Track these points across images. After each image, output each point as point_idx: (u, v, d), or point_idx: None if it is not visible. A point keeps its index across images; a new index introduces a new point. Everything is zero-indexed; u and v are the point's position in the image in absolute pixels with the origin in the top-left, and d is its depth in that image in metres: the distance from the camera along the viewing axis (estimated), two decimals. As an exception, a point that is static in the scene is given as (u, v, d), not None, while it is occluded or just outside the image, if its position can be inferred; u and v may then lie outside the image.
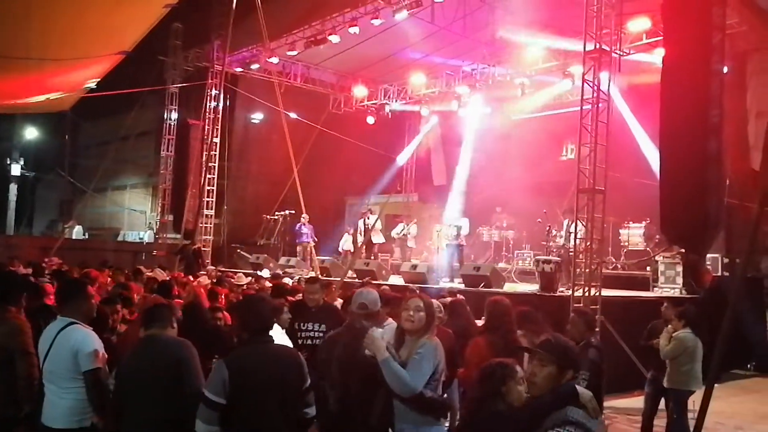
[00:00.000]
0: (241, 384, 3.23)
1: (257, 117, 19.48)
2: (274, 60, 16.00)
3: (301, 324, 5.34)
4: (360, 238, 15.45)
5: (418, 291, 8.18)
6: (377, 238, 15.57)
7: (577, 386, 2.80)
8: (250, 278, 11.19)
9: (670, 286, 11.27)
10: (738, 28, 11.37)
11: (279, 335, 5.11)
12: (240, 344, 3.54)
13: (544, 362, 2.82)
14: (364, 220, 15.64)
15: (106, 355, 3.89)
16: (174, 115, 18.76)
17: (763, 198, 8.27)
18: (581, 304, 8.69)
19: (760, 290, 12.72)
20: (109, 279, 8.89)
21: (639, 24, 12.55)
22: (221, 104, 17.29)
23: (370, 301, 4.03)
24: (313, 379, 3.61)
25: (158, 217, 19.83)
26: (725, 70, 9.73)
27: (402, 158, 20.83)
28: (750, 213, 10.99)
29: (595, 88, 9.27)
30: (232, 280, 9.94)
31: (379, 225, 15.61)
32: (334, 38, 14.82)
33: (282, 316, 5.29)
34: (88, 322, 4.05)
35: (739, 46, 12.27)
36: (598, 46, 9.33)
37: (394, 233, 16.62)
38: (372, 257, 14.80)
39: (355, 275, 13.03)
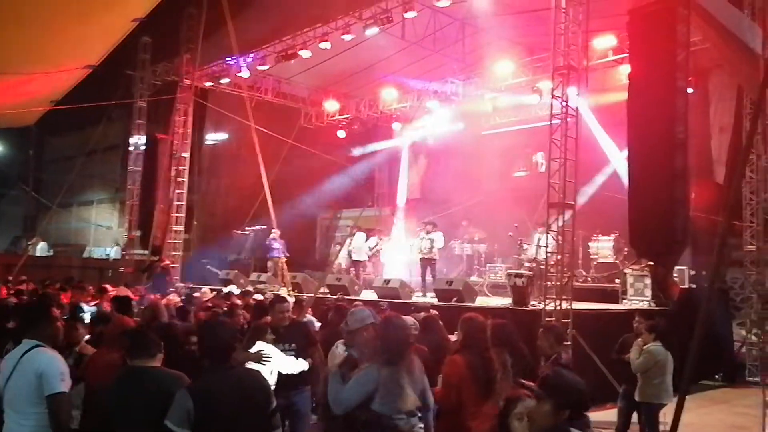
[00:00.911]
0: (206, 413, 3.15)
1: (227, 132, 19.31)
2: (245, 74, 15.91)
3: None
4: (344, 254, 15.36)
5: (387, 308, 8.22)
6: (359, 255, 15.51)
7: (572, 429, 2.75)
8: (214, 292, 11.06)
9: (639, 298, 11.41)
10: (701, 45, 11.66)
11: (279, 356, 5.06)
12: (203, 371, 3.42)
13: (541, 399, 2.81)
14: (351, 237, 15.57)
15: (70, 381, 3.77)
16: (142, 130, 18.50)
17: (728, 211, 8.48)
18: (553, 318, 8.74)
19: (727, 301, 12.97)
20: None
21: (605, 41, 12.81)
22: (190, 119, 17.10)
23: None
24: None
25: (125, 233, 19.45)
26: (689, 87, 9.96)
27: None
28: (715, 226, 11.25)
29: (564, 103, 9.40)
30: (197, 295, 9.76)
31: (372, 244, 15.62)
32: (305, 53, 14.81)
33: (266, 336, 5.23)
34: (53, 344, 3.92)
35: (703, 63, 12.58)
36: (565, 63, 9.47)
37: (366, 247, 16.57)
38: (356, 275, 14.73)
39: (327, 290, 12.95)
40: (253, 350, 4.98)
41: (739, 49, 9.81)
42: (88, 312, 7.65)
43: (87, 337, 5.60)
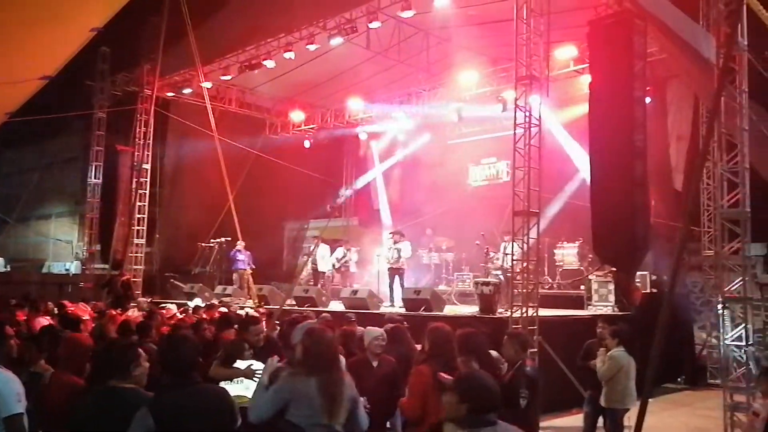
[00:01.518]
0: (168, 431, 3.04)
1: (190, 142, 19.06)
2: (207, 84, 15.73)
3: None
4: (309, 265, 15.26)
5: (353, 318, 8.15)
6: (324, 266, 15.43)
7: None
8: (183, 307, 10.85)
9: (603, 304, 11.57)
10: (658, 56, 11.95)
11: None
12: (162, 388, 3.29)
13: (448, 390, 3.08)
14: (315, 248, 15.47)
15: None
16: (102, 142, 18.12)
17: (687, 217, 8.67)
18: (520, 325, 8.80)
19: (687, 305, 13.25)
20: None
21: (566, 52, 13.04)
22: (152, 129, 16.83)
23: None
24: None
25: (85, 247, 18.99)
26: (647, 97, 10.19)
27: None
28: (675, 232, 11.49)
29: (527, 113, 9.51)
30: (162, 311, 9.55)
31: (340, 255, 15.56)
32: (269, 63, 14.72)
33: (245, 353, 5.17)
34: (7, 364, 3.78)
35: (660, 73, 12.90)
36: (528, 73, 9.59)
37: (333, 258, 16.50)
38: (320, 285, 14.64)
39: (294, 302, 12.84)
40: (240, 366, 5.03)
41: (695, 59, 10.06)
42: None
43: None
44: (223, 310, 9.97)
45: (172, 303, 11.77)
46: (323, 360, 3.84)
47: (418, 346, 5.50)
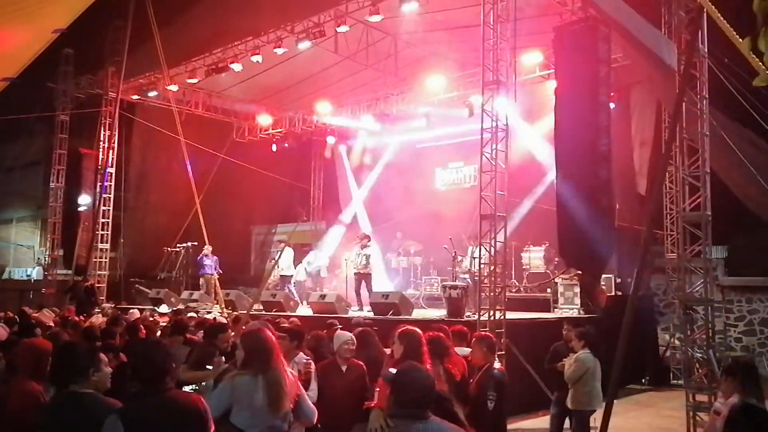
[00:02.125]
0: None
1: (155, 146, 18.78)
2: (173, 88, 15.52)
3: None
4: (276, 269, 15.14)
5: (337, 323, 8.09)
6: (289, 270, 15.33)
7: None
8: (146, 312, 10.70)
9: (569, 306, 11.73)
10: (622, 62, 12.17)
11: None
12: (134, 395, 3.25)
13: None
14: (280, 252, 15.35)
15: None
16: (64, 145, 17.75)
17: (650, 221, 8.84)
18: (487, 328, 8.85)
19: (651, 307, 13.50)
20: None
21: (532, 57, 13.20)
22: (116, 133, 16.53)
23: None
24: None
25: (47, 252, 18.56)
26: (612, 102, 10.37)
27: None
28: (639, 235, 11.71)
29: (494, 117, 9.59)
30: (125, 316, 9.39)
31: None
32: (237, 66, 14.58)
33: (215, 359, 5.15)
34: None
35: (624, 78, 13.15)
36: (494, 78, 9.68)
37: (305, 262, 16.44)
38: (287, 289, 14.53)
39: (261, 307, 12.73)
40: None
41: (657, 65, 10.29)
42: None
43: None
44: (192, 315, 9.88)
45: (135, 308, 11.60)
46: (262, 357, 3.93)
47: (387, 350, 5.50)
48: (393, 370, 3.30)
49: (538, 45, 12.73)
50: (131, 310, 10.74)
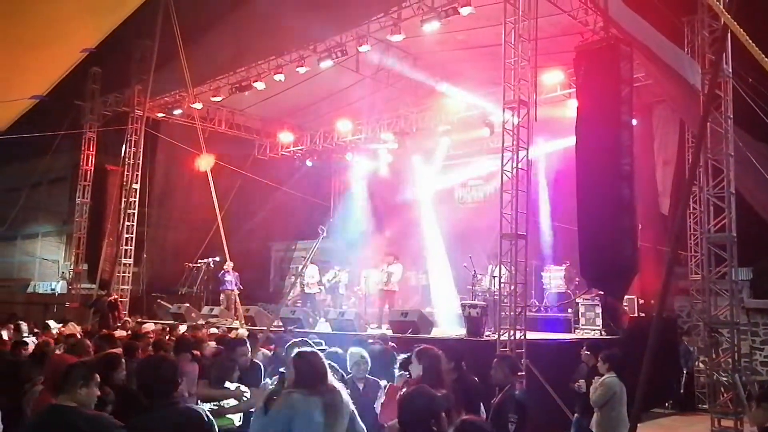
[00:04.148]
0: None
1: (179, 163, 19.05)
2: (198, 106, 15.76)
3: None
4: (298, 285, 15.17)
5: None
6: (311, 288, 15.35)
7: None
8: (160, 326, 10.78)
9: (590, 327, 11.58)
10: (644, 81, 12.12)
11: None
12: (142, 410, 3.29)
13: None
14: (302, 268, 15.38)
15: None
16: (91, 161, 18.08)
17: (674, 241, 8.73)
18: (507, 348, 8.78)
19: (674, 329, 13.28)
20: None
21: (554, 77, 13.19)
22: (141, 150, 16.81)
23: None
24: None
25: (72, 267, 18.81)
26: (634, 121, 10.31)
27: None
28: (662, 255, 11.57)
29: (515, 136, 9.58)
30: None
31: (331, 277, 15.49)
32: (259, 85, 14.77)
33: (233, 375, 5.16)
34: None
35: (646, 98, 13.08)
36: (515, 97, 9.68)
37: (324, 279, 16.45)
38: (307, 305, 14.55)
39: (281, 324, 12.75)
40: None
41: (680, 85, 10.24)
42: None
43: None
44: (214, 330, 9.94)
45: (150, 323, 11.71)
46: (316, 378, 3.86)
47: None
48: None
49: (560, 64, 12.73)
50: (144, 325, 10.83)
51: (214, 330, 10.49)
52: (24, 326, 10.50)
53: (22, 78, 10.41)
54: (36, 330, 10.80)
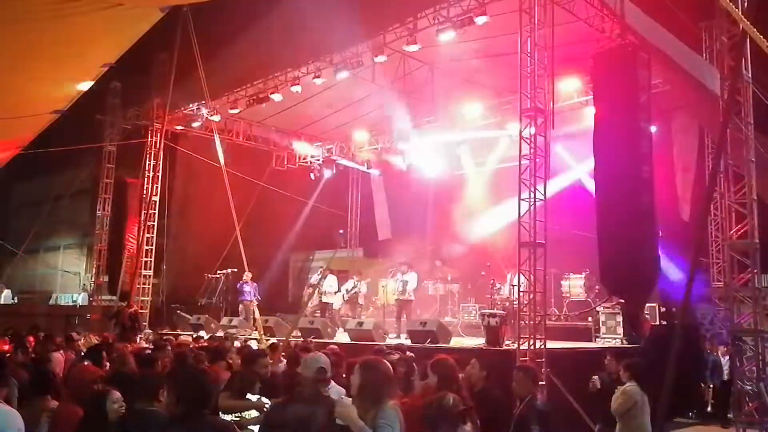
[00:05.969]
0: None
1: (198, 175, 19.23)
2: (216, 118, 15.93)
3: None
4: (316, 295, 15.20)
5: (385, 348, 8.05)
6: (329, 297, 15.37)
7: None
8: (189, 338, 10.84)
9: (611, 336, 11.45)
10: (662, 87, 12.03)
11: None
12: (174, 419, 3.33)
13: None
14: (323, 279, 15.40)
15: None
16: (111, 174, 18.33)
17: (696, 248, 8.63)
18: (527, 357, 8.71)
19: (697, 338, 13.08)
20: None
21: (571, 84, 13.15)
22: (161, 162, 17.01)
23: (328, 365, 3.89)
24: None
25: (93, 279, 19.04)
26: (653, 128, 10.24)
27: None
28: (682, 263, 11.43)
29: (532, 144, 9.55)
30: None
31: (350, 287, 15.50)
32: (277, 96, 14.90)
33: (255, 386, 5.19)
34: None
35: (665, 104, 12.97)
36: (532, 105, 9.66)
37: (343, 289, 16.45)
38: (326, 316, 14.57)
39: (299, 334, 12.76)
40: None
41: (699, 91, 10.16)
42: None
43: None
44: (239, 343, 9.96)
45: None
46: (384, 390, 3.63)
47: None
48: None
49: (577, 71, 12.69)
50: (180, 337, 10.91)
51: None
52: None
53: (44, 94, 10.61)
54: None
